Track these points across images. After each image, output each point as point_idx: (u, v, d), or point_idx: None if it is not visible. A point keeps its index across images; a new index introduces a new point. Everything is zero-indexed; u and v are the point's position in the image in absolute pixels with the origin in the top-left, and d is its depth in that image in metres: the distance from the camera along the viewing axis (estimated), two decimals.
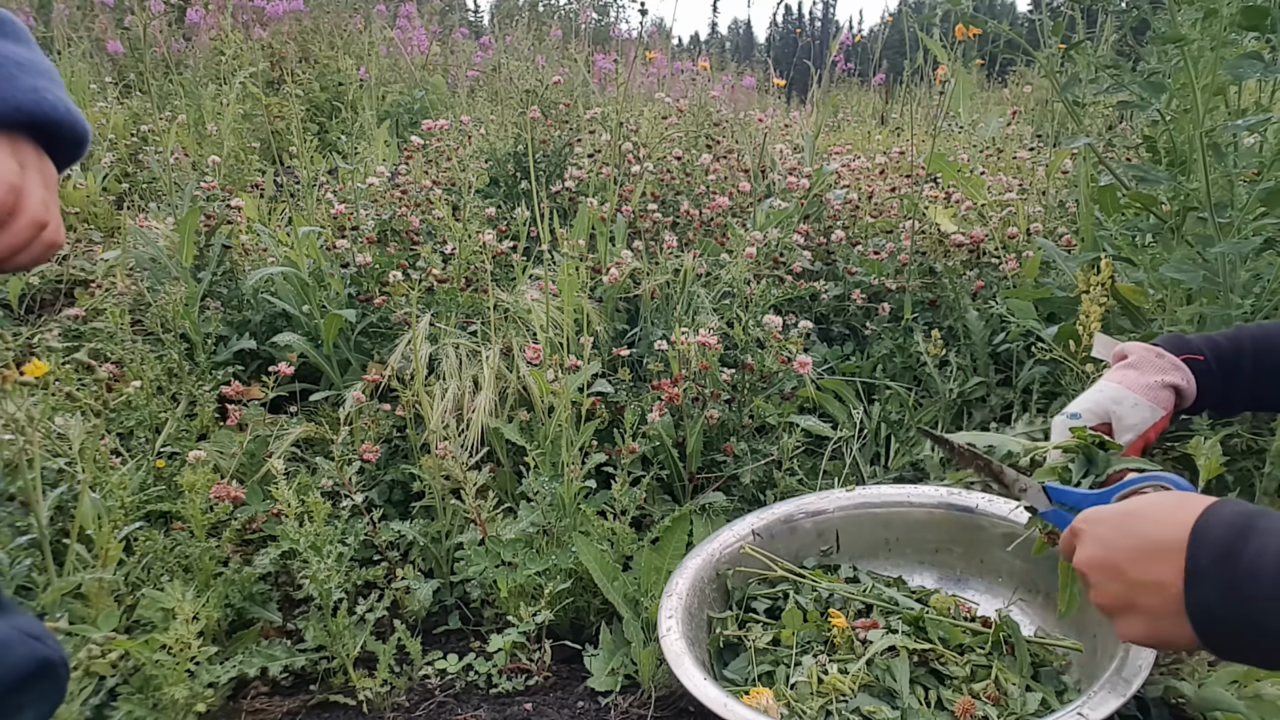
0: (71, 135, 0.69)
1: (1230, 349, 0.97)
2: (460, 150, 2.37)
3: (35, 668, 0.67)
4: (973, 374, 1.87)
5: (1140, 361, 0.97)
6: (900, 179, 2.65)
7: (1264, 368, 0.95)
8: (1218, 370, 0.96)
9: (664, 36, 5.94)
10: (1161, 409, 0.94)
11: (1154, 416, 0.93)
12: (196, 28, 4.65)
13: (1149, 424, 0.93)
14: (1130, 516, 0.66)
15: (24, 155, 0.66)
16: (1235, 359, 0.96)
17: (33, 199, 0.65)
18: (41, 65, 0.68)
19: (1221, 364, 0.96)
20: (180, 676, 1.15)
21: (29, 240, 0.66)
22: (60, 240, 0.69)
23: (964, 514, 1.36)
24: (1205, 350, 0.97)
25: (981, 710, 1.07)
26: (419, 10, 6.04)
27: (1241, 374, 0.96)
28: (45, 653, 0.68)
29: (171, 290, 1.89)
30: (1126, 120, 2.78)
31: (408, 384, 1.60)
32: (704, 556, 1.33)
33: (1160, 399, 0.94)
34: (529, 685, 1.32)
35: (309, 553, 1.26)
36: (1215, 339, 0.99)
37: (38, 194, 0.66)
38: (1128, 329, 1.70)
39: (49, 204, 0.67)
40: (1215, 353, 0.97)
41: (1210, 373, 0.96)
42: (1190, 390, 0.95)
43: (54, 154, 0.70)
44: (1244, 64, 1.26)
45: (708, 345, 1.63)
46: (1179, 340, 0.99)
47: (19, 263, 0.67)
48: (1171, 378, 0.95)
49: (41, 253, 0.67)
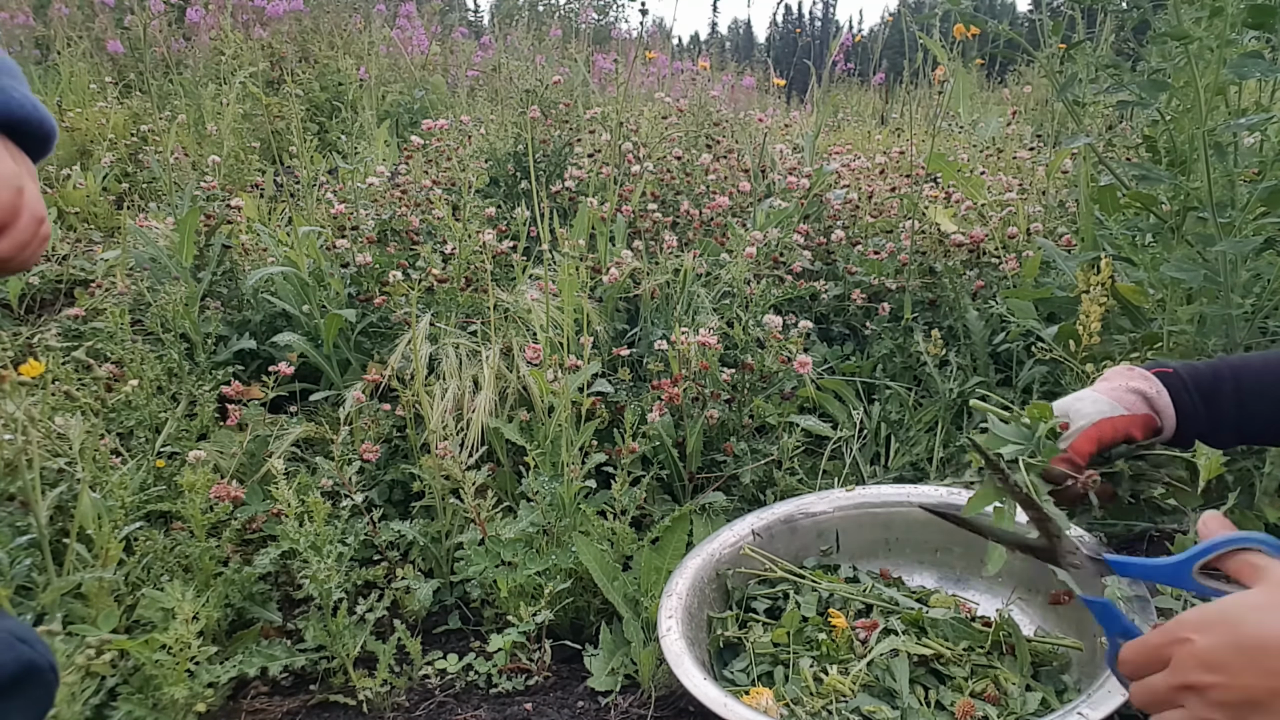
0: (39, 132, 0.70)
1: (1208, 372, 0.97)
2: (460, 150, 2.37)
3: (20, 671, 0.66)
4: (973, 374, 1.87)
5: (1111, 374, 0.99)
6: (900, 179, 2.65)
7: (1246, 394, 0.94)
8: (1194, 390, 0.96)
9: (664, 36, 5.94)
10: (1122, 408, 0.93)
11: (1111, 410, 0.93)
12: (196, 28, 4.65)
13: (1103, 415, 0.93)
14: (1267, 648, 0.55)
15: (12, 152, 0.67)
16: (1213, 383, 0.96)
17: (31, 195, 0.67)
18: (6, 63, 0.70)
19: (1199, 385, 0.96)
20: (180, 676, 1.15)
21: (32, 237, 0.68)
22: (49, 231, 0.71)
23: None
24: (1179, 368, 0.97)
25: (981, 710, 1.07)
26: (419, 10, 6.04)
27: (1222, 398, 0.95)
28: (32, 656, 0.68)
29: (171, 290, 1.88)
30: (1126, 120, 2.78)
31: (408, 384, 1.60)
32: (704, 556, 1.32)
33: (1122, 400, 0.94)
34: (529, 685, 1.32)
35: (309, 553, 1.26)
36: (1193, 363, 1.00)
37: (32, 189, 0.68)
38: (1128, 329, 1.70)
39: (39, 197, 0.69)
40: (1192, 374, 0.97)
41: (1184, 390, 0.95)
42: (1162, 401, 0.95)
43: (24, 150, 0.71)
44: (1246, 63, 1.26)
45: (708, 345, 1.63)
46: (1155, 362, 1.00)
47: (23, 259, 0.68)
48: (1137, 384, 0.96)
49: (39, 247, 0.69)
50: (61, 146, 3.56)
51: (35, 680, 0.68)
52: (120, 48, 4.62)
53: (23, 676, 0.67)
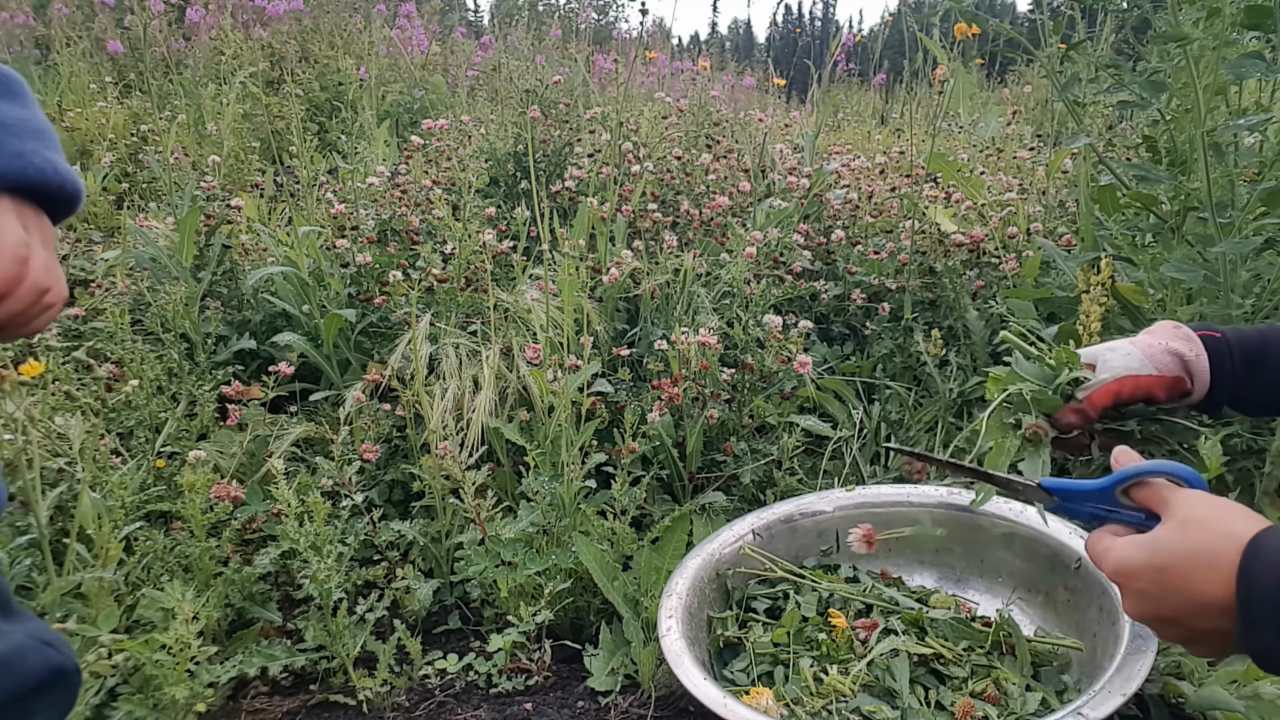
0: (60, 195, 0.69)
1: (1256, 338, 0.94)
2: (460, 150, 2.37)
3: (49, 675, 0.67)
4: (973, 374, 1.87)
5: (1156, 328, 0.96)
6: (900, 179, 2.65)
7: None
8: (1239, 354, 0.93)
9: (664, 36, 5.94)
10: (1153, 367, 0.92)
11: (1140, 368, 0.92)
12: (196, 27, 4.65)
13: (1130, 371, 0.92)
14: (1167, 574, 0.67)
15: (25, 217, 0.67)
16: (1261, 348, 0.93)
17: (36, 265, 0.66)
18: (33, 125, 0.69)
19: (1245, 350, 0.93)
20: (180, 676, 1.15)
21: (32, 305, 0.66)
22: (62, 298, 0.69)
23: (964, 514, 1.36)
24: (1228, 333, 0.94)
25: (981, 710, 1.06)
26: (419, 10, 6.04)
27: (1267, 366, 0.92)
28: (59, 660, 0.68)
29: (171, 290, 1.89)
30: (1127, 120, 2.78)
31: (408, 384, 1.60)
32: (704, 556, 1.32)
33: (1156, 359, 0.92)
34: (529, 685, 1.32)
35: (309, 552, 1.26)
36: (1244, 329, 0.96)
37: (40, 259, 0.66)
38: (1128, 329, 1.70)
39: (49, 265, 0.68)
40: (1240, 339, 0.94)
41: (1227, 354, 0.93)
42: (1199, 366, 0.92)
43: (47, 211, 0.70)
44: (1246, 63, 1.26)
45: (708, 345, 1.63)
46: (1205, 325, 0.97)
47: (23, 328, 0.67)
48: (1178, 345, 0.93)
49: (45, 316, 0.68)
50: (61, 146, 3.55)
51: (62, 685, 0.68)
52: (120, 47, 4.62)
53: (51, 680, 0.67)
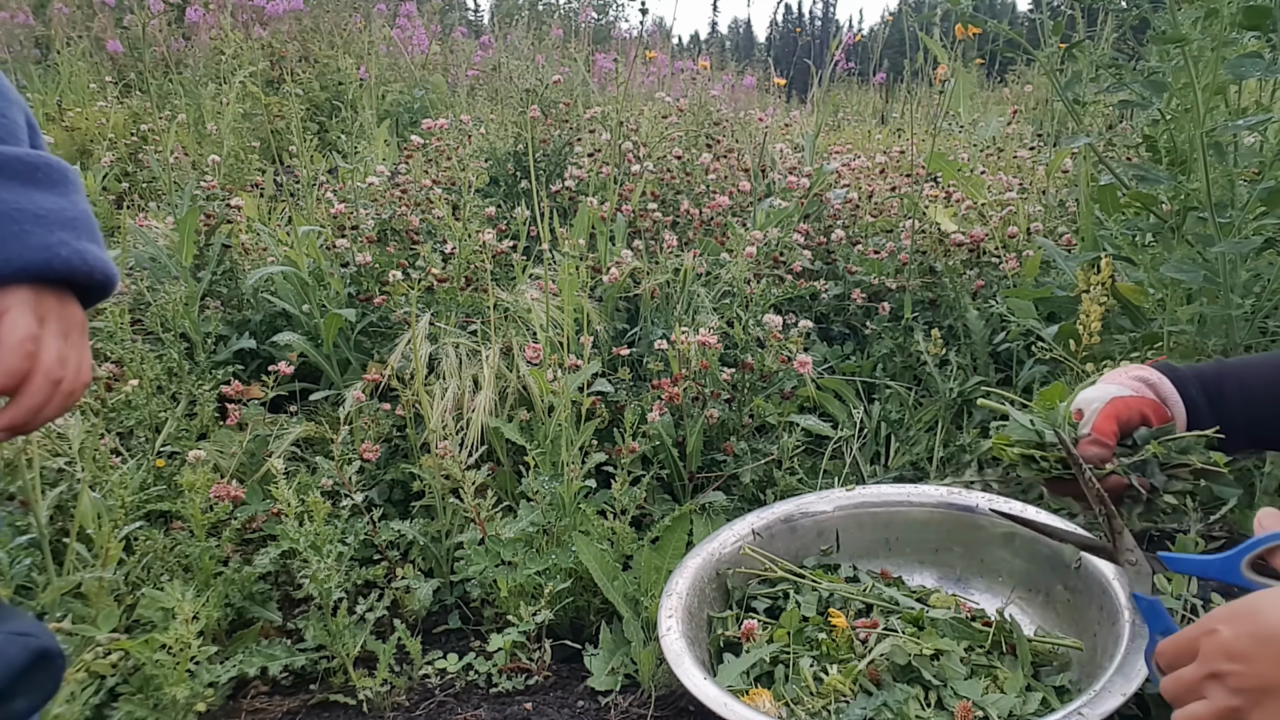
0: (89, 283, 0.69)
1: (1212, 372, 1.00)
2: (460, 149, 2.37)
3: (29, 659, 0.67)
4: (973, 373, 1.87)
5: (1110, 374, 1.02)
6: (900, 178, 2.65)
7: (1252, 394, 0.96)
8: (1198, 387, 0.98)
9: (664, 36, 5.94)
10: (1128, 390, 0.96)
11: (1119, 391, 0.96)
12: (196, 27, 4.65)
13: (1110, 395, 0.96)
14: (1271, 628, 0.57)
15: (45, 307, 0.66)
16: (1218, 381, 0.98)
17: (46, 358, 0.65)
18: (68, 214, 0.68)
19: (1203, 384, 0.98)
20: (180, 676, 1.15)
21: (47, 399, 0.66)
22: (85, 383, 0.69)
23: (964, 513, 1.36)
24: (1180, 367, 1.00)
25: (981, 710, 1.07)
26: (419, 9, 6.04)
27: (1227, 398, 0.97)
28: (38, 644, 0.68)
29: (171, 290, 1.88)
30: (1127, 119, 2.79)
31: (408, 383, 1.60)
32: (704, 556, 1.32)
33: (1127, 385, 0.97)
34: (529, 685, 1.32)
35: (309, 552, 1.26)
36: (1196, 365, 1.02)
37: (52, 351, 0.66)
38: (1128, 329, 1.70)
39: (65, 356, 0.67)
40: (1195, 373, 0.99)
41: (1187, 384, 0.98)
42: (1164, 388, 0.97)
43: (81, 294, 0.70)
44: (1245, 63, 1.26)
45: (708, 345, 1.63)
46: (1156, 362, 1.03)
47: (42, 419, 0.67)
48: (1139, 372, 0.99)
49: (62, 404, 0.67)
50: (61, 146, 3.56)
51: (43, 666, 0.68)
52: (120, 47, 4.62)
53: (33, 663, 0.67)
